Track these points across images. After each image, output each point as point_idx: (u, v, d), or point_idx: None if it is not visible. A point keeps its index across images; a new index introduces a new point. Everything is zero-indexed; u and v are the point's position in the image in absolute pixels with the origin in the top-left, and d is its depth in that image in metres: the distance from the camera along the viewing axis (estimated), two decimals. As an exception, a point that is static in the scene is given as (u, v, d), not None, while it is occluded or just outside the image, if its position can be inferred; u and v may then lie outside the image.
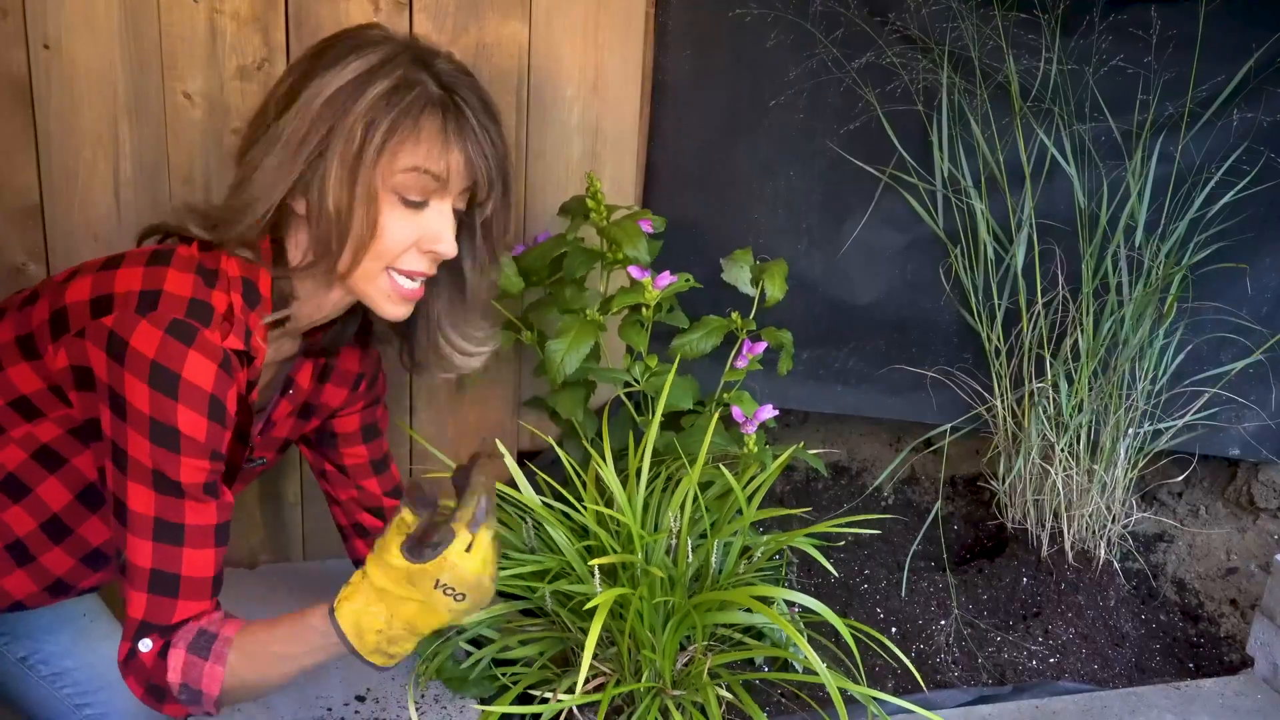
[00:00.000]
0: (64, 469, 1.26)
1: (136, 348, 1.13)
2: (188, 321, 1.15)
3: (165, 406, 1.14)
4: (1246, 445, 1.99)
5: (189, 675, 1.17)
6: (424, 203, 1.24)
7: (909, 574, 1.85)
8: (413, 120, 1.21)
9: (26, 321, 1.22)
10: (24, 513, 1.27)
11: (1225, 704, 1.63)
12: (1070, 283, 1.85)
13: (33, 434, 1.24)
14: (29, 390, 1.22)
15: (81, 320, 1.16)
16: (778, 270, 1.65)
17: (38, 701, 1.50)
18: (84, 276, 1.20)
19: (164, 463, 1.15)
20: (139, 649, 1.18)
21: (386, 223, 1.22)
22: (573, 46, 1.75)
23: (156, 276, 1.17)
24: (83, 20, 1.53)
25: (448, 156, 1.23)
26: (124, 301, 1.15)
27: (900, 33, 1.81)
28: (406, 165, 1.21)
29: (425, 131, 1.21)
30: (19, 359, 1.21)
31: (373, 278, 1.26)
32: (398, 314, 1.29)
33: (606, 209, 1.60)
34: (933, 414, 2.00)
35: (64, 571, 1.33)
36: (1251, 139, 1.83)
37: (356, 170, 1.20)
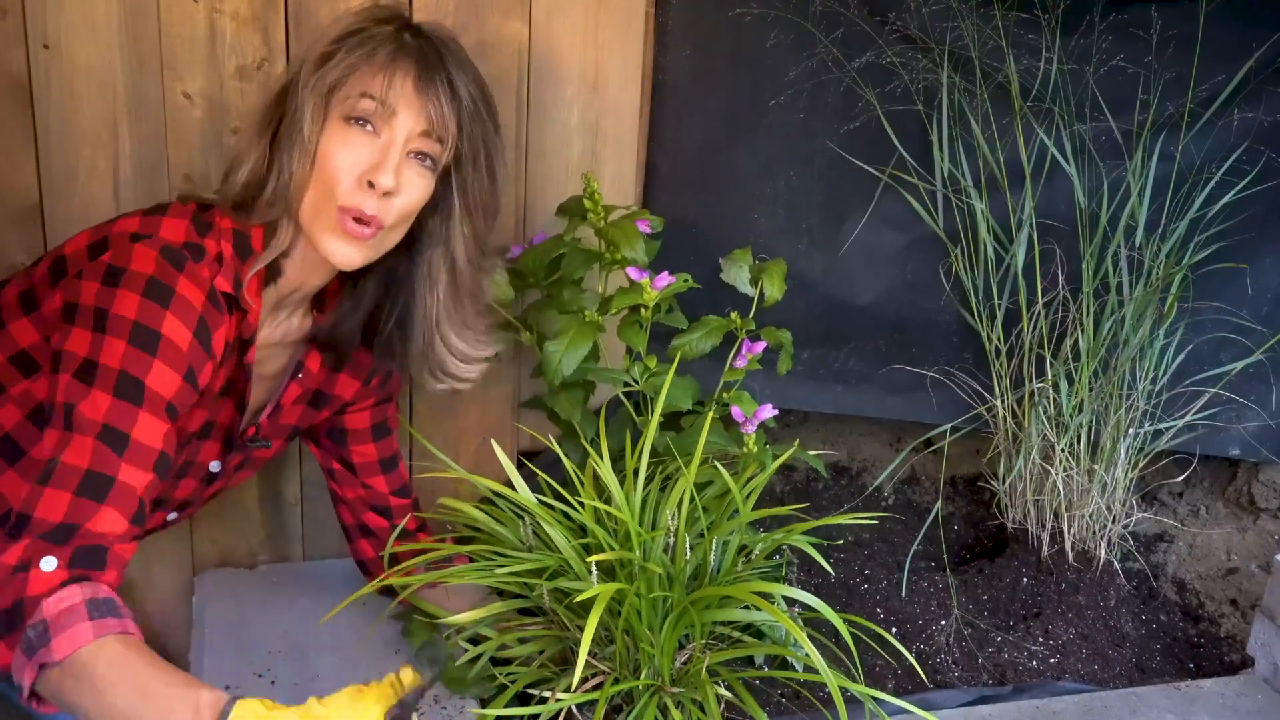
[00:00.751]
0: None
1: (133, 268, 1.15)
2: (180, 250, 1.18)
3: (153, 311, 1.14)
4: (1247, 445, 1.99)
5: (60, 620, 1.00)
6: (372, 131, 1.24)
7: (909, 574, 1.85)
8: (368, 50, 1.24)
9: (28, 278, 1.26)
10: (18, 477, 1.27)
11: (1226, 704, 1.63)
12: (1070, 283, 1.85)
13: (30, 390, 1.25)
14: (27, 343, 1.23)
15: (80, 263, 1.19)
16: (776, 270, 1.65)
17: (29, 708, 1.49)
18: (82, 232, 1.25)
19: (134, 364, 1.12)
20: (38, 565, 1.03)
21: (327, 147, 1.23)
22: (573, 46, 1.75)
23: (152, 222, 1.22)
24: (82, 20, 1.53)
25: (392, 82, 1.23)
26: (119, 240, 1.19)
27: (900, 32, 1.81)
28: (352, 90, 1.23)
29: (377, 59, 1.24)
30: (19, 314, 1.24)
31: (317, 211, 1.24)
32: (341, 253, 1.25)
33: (604, 209, 1.60)
34: (933, 414, 1.99)
35: None
36: (1252, 139, 1.82)
37: (309, 99, 1.23)
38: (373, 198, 1.23)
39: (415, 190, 1.27)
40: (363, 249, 1.26)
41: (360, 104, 1.23)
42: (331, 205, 1.23)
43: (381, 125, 1.24)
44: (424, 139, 1.26)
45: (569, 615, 1.40)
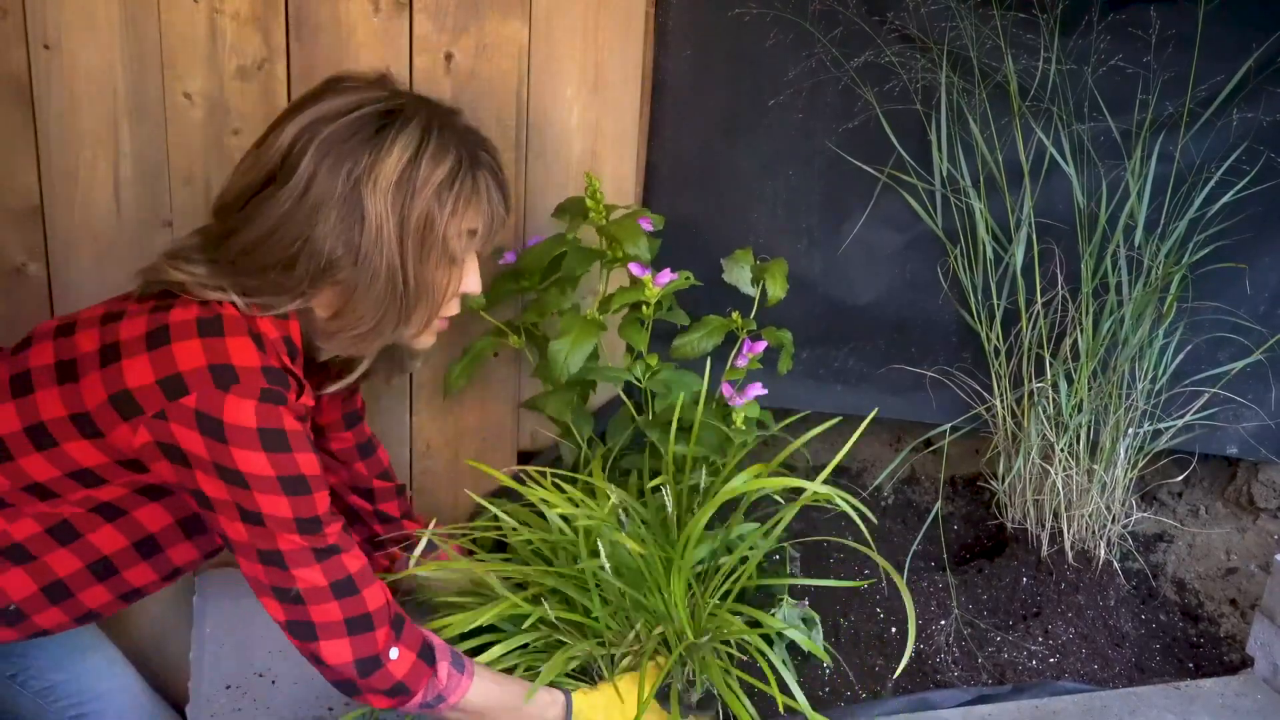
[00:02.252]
0: (122, 520, 1.28)
1: (234, 422, 1.16)
2: (273, 388, 1.19)
3: (285, 462, 1.19)
4: (1245, 444, 1.99)
5: (449, 685, 1.31)
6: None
7: (909, 574, 1.85)
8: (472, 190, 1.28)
9: (76, 400, 1.20)
10: (70, 555, 1.28)
11: (1225, 704, 1.63)
12: (1070, 282, 1.85)
13: (91, 495, 1.26)
14: (91, 464, 1.22)
15: (156, 402, 1.16)
16: (778, 270, 1.65)
17: (31, 715, 1.49)
18: (135, 356, 1.18)
19: (303, 508, 1.21)
20: (388, 658, 1.27)
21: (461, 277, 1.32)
22: (573, 46, 1.75)
23: (218, 349, 1.18)
24: (83, 20, 1.53)
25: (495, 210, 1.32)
26: (197, 379, 1.16)
27: (899, 32, 1.82)
28: (469, 228, 1.29)
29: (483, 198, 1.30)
30: (76, 436, 1.21)
31: (430, 323, 1.33)
32: (429, 344, 1.38)
33: (606, 208, 1.61)
34: (932, 414, 2.00)
35: (98, 605, 1.33)
36: (1251, 139, 1.82)
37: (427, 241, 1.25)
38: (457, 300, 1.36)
39: None
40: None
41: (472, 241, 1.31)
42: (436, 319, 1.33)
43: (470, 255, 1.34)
44: None
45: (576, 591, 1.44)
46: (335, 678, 1.27)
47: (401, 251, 1.24)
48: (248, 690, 1.47)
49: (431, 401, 1.85)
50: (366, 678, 1.26)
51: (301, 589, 1.22)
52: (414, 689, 1.29)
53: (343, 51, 1.64)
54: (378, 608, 1.26)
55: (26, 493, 1.24)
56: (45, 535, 1.26)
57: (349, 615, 1.24)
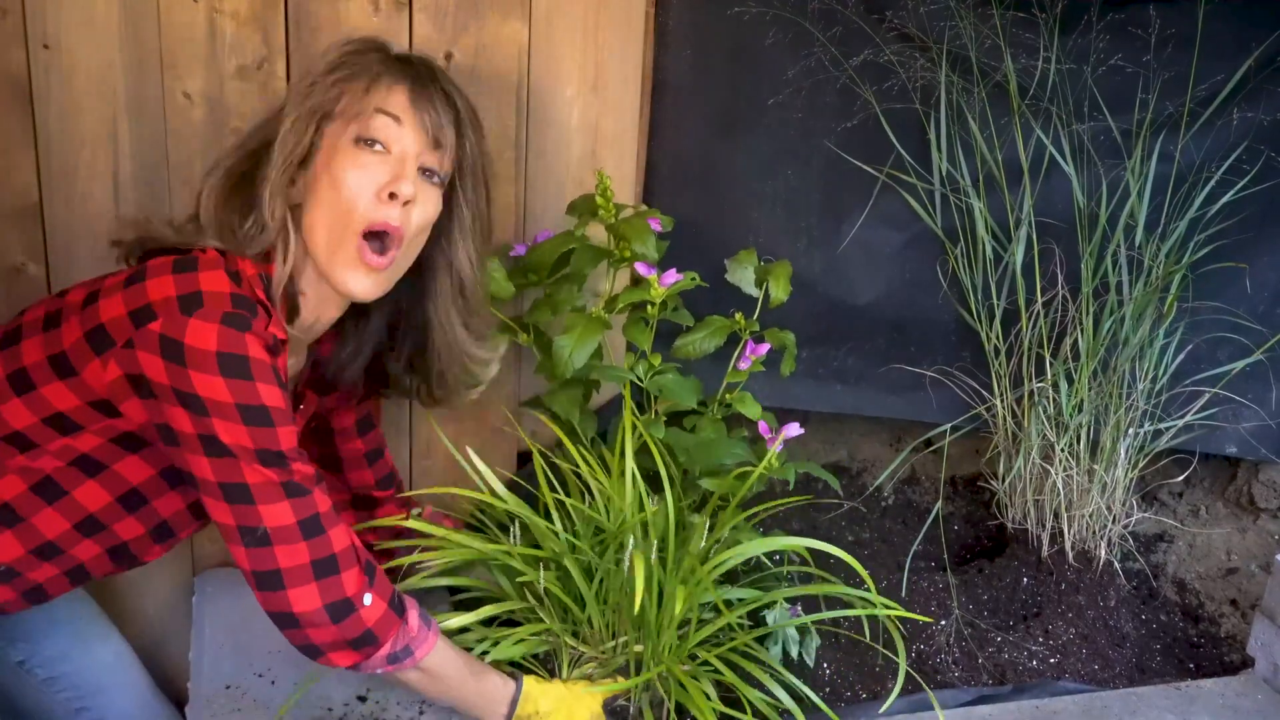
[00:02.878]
0: (104, 474, 1.28)
1: (193, 344, 1.15)
2: (237, 311, 1.17)
3: (245, 389, 1.16)
4: (1245, 444, 1.98)
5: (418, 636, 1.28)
6: (383, 150, 1.27)
7: (909, 574, 1.85)
8: (363, 70, 1.28)
9: (56, 342, 1.22)
10: (57, 514, 1.28)
11: (1226, 704, 1.63)
12: (1069, 282, 1.85)
13: (70, 445, 1.25)
14: (65, 407, 1.22)
15: (125, 332, 1.17)
16: (782, 271, 1.65)
17: (35, 707, 1.50)
18: (112, 295, 1.20)
19: (265, 439, 1.18)
20: (361, 603, 1.23)
21: (343, 169, 1.26)
22: (573, 46, 1.75)
23: (189, 280, 1.19)
24: (82, 20, 1.53)
25: (393, 94, 1.28)
26: (165, 306, 1.16)
27: (899, 30, 1.81)
28: (358, 109, 1.26)
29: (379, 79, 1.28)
30: (53, 378, 1.22)
31: (341, 243, 1.27)
32: (364, 286, 1.29)
33: (615, 206, 1.61)
34: (932, 413, 2.00)
35: (90, 558, 1.33)
36: (1252, 138, 1.82)
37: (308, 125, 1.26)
38: (395, 208, 1.27)
39: (429, 203, 1.32)
40: (380, 280, 1.30)
41: (372, 121, 1.26)
42: (350, 233, 1.26)
43: (391, 141, 1.28)
44: (429, 153, 1.30)
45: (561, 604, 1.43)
46: (301, 635, 1.24)
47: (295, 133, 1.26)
48: (247, 690, 1.47)
49: (431, 402, 1.85)
50: (339, 622, 1.22)
51: (269, 527, 1.19)
52: (382, 639, 1.25)
53: (343, 51, 1.64)
54: (343, 548, 1.23)
55: (7, 443, 1.24)
56: (30, 494, 1.26)
57: (316, 557, 1.21)
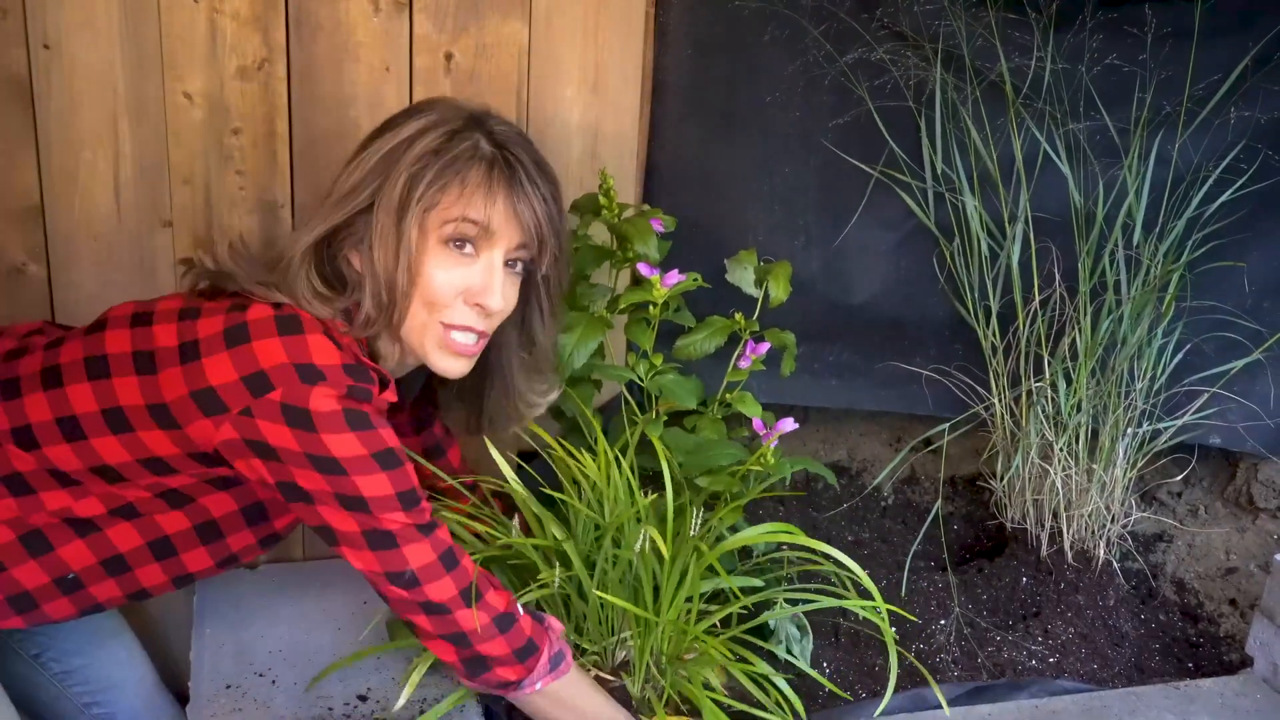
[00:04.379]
0: (189, 506, 1.29)
1: (319, 410, 1.17)
2: (360, 385, 1.20)
3: (372, 438, 1.20)
4: (1238, 438, 1.98)
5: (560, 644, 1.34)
6: (471, 253, 1.28)
7: (909, 574, 1.85)
8: (458, 170, 1.25)
9: (155, 390, 1.21)
10: (133, 530, 1.29)
11: (1225, 704, 1.63)
12: (1066, 280, 1.85)
13: (161, 482, 1.26)
14: (164, 454, 1.23)
15: (241, 399, 1.17)
16: (782, 271, 1.65)
17: (48, 700, 1.51)
18: (216, 353, 1.19)
19: (401, 482, 1.22)
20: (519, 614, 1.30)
21: (432, 271, 1.26)
22: (572, 46, 1.75)
23: (299, 347, 1.19)
24: (83, 20, 1.53)
25: (491, 206, 1.26)
26: (282, 375, 1.17)
27: (893, 29, 1.82)
28: (450, 215, 1.25)
29: (471, 182, 1.26)
30: (153, 426, 1.21)
31: (425, 329, 1.29)
32: (454, 369, 1.32)
33: (619, 206, 1.62)
34: (928, 409, 2.00)
35: (152, 584, 1.34)
36: (1249, 137, 1.82)
37: (401, 218, 1.24)
38: (480, 315, 1.29)
39: (512, 297, 1.34)
40: (469, 362, 1.33)
41: (461, 229, 1.26)
42: (435, 322, 1.28)
43: (481, 246, 1.28)
44: (518, 249, 1.31)
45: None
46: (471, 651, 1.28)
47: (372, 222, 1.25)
48: (248, 690, 1.47)
49: (433, 401, 1.85)
50: (506, 632, 1.28)
51: (415, 568, 1.23)
52: (540, 644, 1.32)
53: (343, 51, 1.64)
54: (479, 575, 1.29)
55: (95, 474, 1.24)
56: (110, 515, 1.27)
57: (462, 587, 1.26)
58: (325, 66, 1.64)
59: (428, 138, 1.26)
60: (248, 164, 1.65)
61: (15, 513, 1.25)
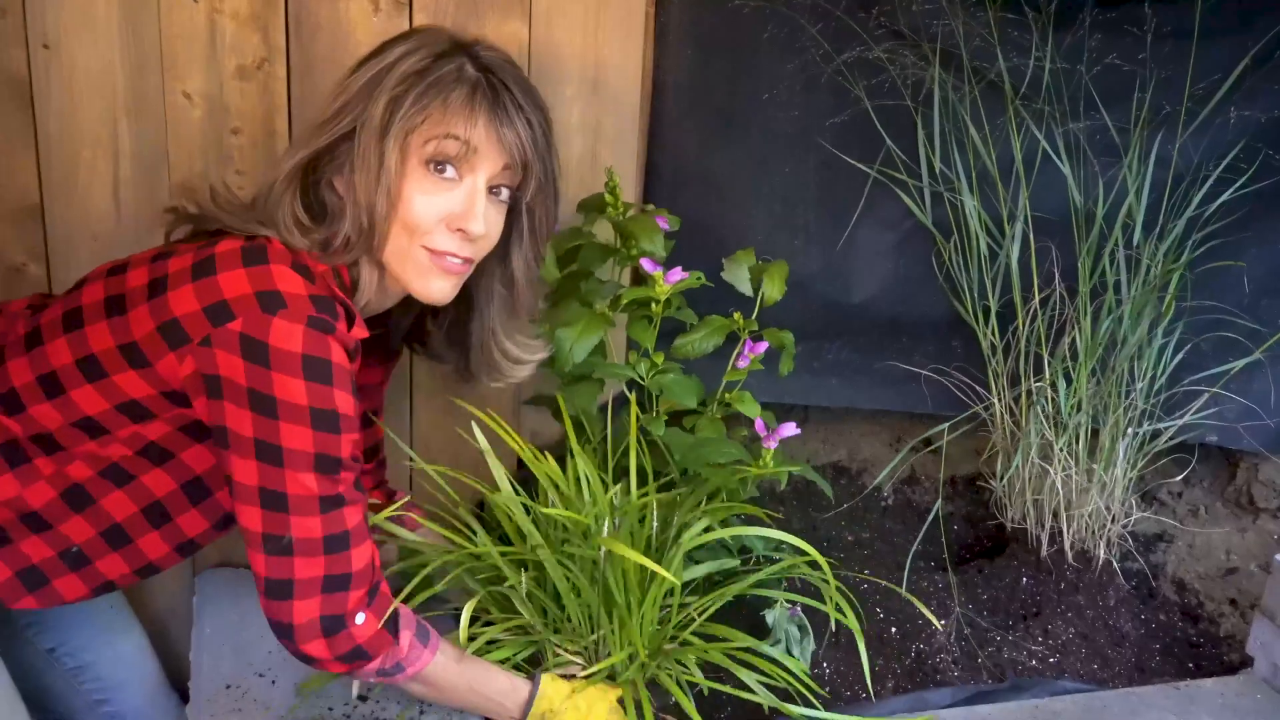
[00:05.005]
0: (171, 462, 1.28)
1: (279, 346, 1.14)
2: (321, 316, 1.17)
3: (322, 393, 1.16)
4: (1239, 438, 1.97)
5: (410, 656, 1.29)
6: (454, 177, 1.26)
7: (909, 574, 1.85)
8: (441, 92, 1.24)
9: (125, 330, 1.21)
10: (125, 498, 1.28)
11: (1225, 704, 1.63)
12: (1066, 280, 1.85)
13: (139, 433, 1.25)
14: (139, 395, 1.22)
15: (202, 329, 1.16)
16: (777, 271, 1.65)
17: (59, 695, 1.52)
18: (181, 286, 1.19)
19: (327, 445, 1.18)
20: (353, 621, 1.23)
21: (412, 193, 1.25)
22: (572, 46, 1.75)
23: (263, 276, 1.18)
24: (82, 20, 1.53)
25: (474, 127, 1.24)
26: (243, 304, 1.16)
27: (891, 28, 1.81)
28: (432, 133, 1.23)
29: (454, 103, 1.24)
30: (125, 367, 1.21)
31: (405, 254, 1.27)
32: (438, 290, 1.30)
33: (624, 205, 1.62)
34: (927, 408, 2.00)
35: (156, 556, 1.34)
36: (1249, 137, 1.82)
37: (383, 140, 1.23)
38: (462, 241, 1.28)
39: (496, 225, 1.32)
40: (454, 283, 1.31)
41: (442, 147, 1.24)
42: (417, 247, 1.27)
43: (464, 169, 1.27)
44: (502, 174, 1.29)
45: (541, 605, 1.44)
46: (293, 646, 1.23)
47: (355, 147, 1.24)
48: (247, 690, 1.47)
49: (431, 401, 1.85)
50: (330, 637, 1.22)
51: (295, 537, 1.19)
52: (372, 655, 1.26)
53: (342, 51, 1.64)
54: (360, 569, 1.23)
55: (78, 429, 1.24)
56: (99, 478, 1.26)
57: (330, 572, 1.21)
58: (325, 66, 1.64)
59: (411, 60, 1.25)
60: (247, 163, 1.65)
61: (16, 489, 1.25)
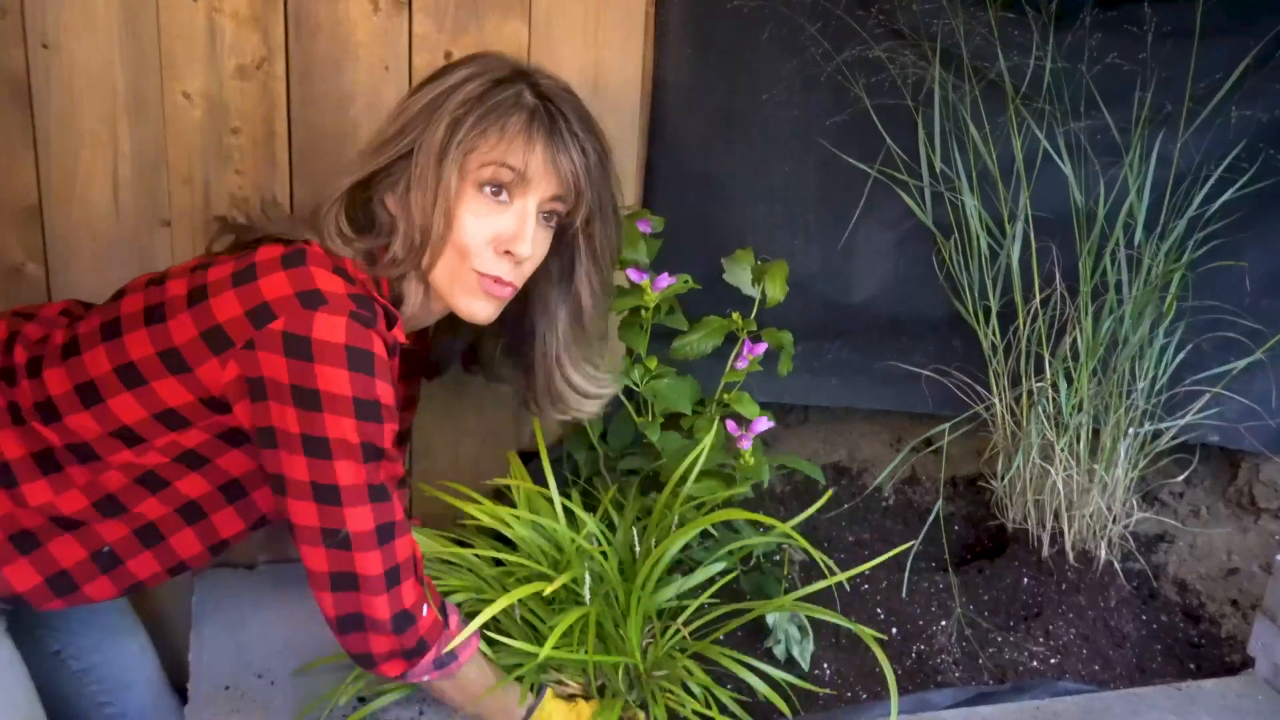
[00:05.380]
0: (206, 467, 1.28)
1: (322, 338, 1.15)
2: (362, 312, 1.18)
3: (365, 384, 1.17)
4: (1240, 438, 1.97)
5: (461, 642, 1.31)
6: (505, 200, 1.27)
7: (910, 574, 1.85)
8: (499, 117, 1.25)
9: (165, 337, 1.22)
10: (159, 502, 1.28)
11: (1226, 705, 1.63)
12: (1067, 279, 1.85)
13: (177, 440, 1.25)
14: (177, 403, 1.22)
15: (245, 333, 1.17)
16: (778, 271, 1.65)
17: (64, 697, 1.52)
18: (223, 293, 1.20)
19: (372, 435, 1.19)
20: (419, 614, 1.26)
21: (464, 215, 1.26)
22: (573, 46, 1.75)
23: (304, 277, 1.19)
24: (82, 20, 1.53)
25: (529, 153, 1.26)
26: (285, 304, 1.17)
27: (890, 27, 1.81)
28: (487, 159, 1.25)
29: (511, 128, 1.25)
30: (165, 373, 1.21)
31: (454, 274, 1.28)
32: (481, 311, 1.31)
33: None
34: (931, 409, 1.99)
35: (189, 555, 1.34)
36: (1251, 136, 1.82)
37: (441, 163, 1.24)
38: (510, 265, 1.28)
39: (543, 247, 1.33)
40: (496, 305, 1.32)
41: (498, 173, 1.25)
42: (467, 269, 1.28)
43: (515, 194, 1.28)
44: (553, 201, 1.30)
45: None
46: (363, 640, 1.25)
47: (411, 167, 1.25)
48: (247, 691, 1.47)
49: (431, 402, 1.84)
50: (401, 632, 1.25)
51: (351, 531, 1.20)
52: (431, 643, 1.29)
53: (342, 51, 1.64)
54: (406, 558, 1.26)
55: (115, 438, 1.24)
56: (134, 485, 1.26)
57: (388, 566, 1.23)
58: (324, 66, 1.64)
59: (471, 85, 1.26)
60: (247, 163, 1.65)
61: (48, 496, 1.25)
